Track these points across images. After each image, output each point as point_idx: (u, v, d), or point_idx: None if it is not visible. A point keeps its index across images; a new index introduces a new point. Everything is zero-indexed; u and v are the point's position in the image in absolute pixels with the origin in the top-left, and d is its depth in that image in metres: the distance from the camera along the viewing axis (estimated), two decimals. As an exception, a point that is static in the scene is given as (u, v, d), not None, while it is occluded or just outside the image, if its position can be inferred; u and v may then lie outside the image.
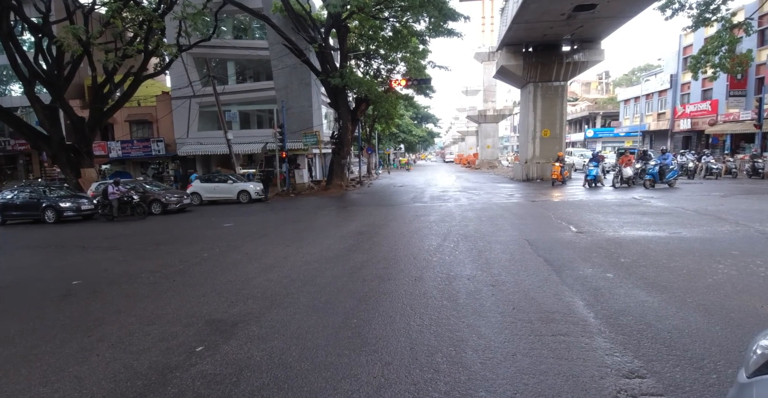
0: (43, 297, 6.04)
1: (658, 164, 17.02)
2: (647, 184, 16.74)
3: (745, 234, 7.89)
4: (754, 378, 1.84)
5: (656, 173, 16.74)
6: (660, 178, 16.71)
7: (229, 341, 4.13)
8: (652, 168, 16.99)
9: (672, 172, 16.94)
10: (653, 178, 16.70)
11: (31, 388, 3.44)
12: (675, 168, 17.49)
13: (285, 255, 7.83)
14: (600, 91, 65.80)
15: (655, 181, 16.70)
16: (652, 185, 16.68)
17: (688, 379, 3.11)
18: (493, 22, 46.05)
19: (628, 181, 17.51)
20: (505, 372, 3.33)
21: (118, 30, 16.43)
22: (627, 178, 17.49)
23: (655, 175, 16.72)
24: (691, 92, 32.39)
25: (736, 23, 15.78)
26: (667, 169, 16.91)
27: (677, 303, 4.58)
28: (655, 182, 16.70)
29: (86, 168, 19.61)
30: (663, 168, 16.84)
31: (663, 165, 16.94)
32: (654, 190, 16.18)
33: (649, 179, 16.76)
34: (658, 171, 16.74)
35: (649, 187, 16.65)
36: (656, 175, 16.72)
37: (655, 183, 16.69)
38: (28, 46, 23.63)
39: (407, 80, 23.03)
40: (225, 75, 27.62)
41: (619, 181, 17.59)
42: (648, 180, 16.79)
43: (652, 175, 16.76)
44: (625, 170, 17.56)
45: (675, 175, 17.08)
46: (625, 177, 17.48)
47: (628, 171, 17.54)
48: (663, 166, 16.89)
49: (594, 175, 18.36)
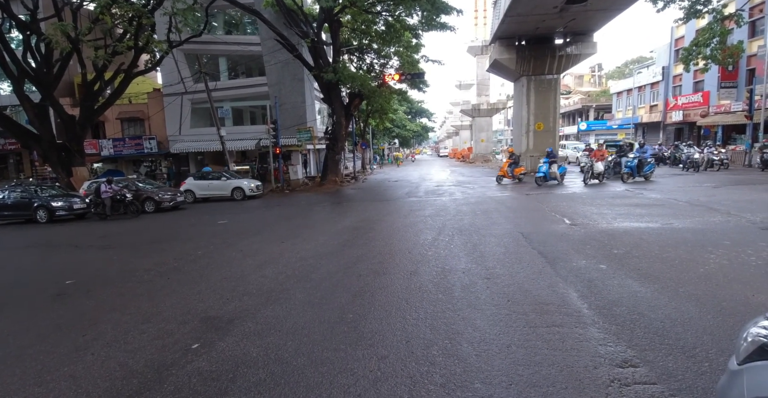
0: (36, 297, 6.00)
1: (636, 157, 16.62)
2: (625, 177, 16.40)
3: (736, 224, 7.96)
4: (744, 365, 1.87)
5: (634, 166, 16.35)
6: (638, 171, 16.38)
7: (225, 338, 4.13)
8: (630, 161, 16.51)
9: (649, 165, 16.70)
10: (631, 171, 16.35)
11: (25, 388, 3.43)
12: (652, 161, 17.21)
13: (280, 252, 7.82)
14: (593, 83, 65.96)
15: (633, 175, 16.38)
16: (630, 178, 16.37)
17: (680, 368, 3.15)
18: (486, 15, 45.96)
19: (599, 176, 16.76)
20: (500, 363, 3.36)
21: (108, 26, 16.16)
22: (598, 173, 16.67)
23: (633, 169, 16.35)
24: (683, 84, 32.51)
25: (727, 15, 15.81)
26: (645, 162, 16.63)
27: (670, 293, 4.63)
28: (633, 176, 16.38)
29: (78, 167, 19.43)
30: (641, 161, 16.52)
31: (641, 158, 16.61)
32: (632, 183, 15.86)
33: (627, 172, 16.40)
34: (636, 164, 16.35)
35: (627, 180, 16.33)
36: (634, 169, 16.36)
37: (633, 176, 16.38)
38: (16, 44, 23.29)
39: (401, 74, 22.95)
40: (217, 71, 27.37)
41: (590, 177, 16.62)
42: (626, 173, 16.42)
43: (630, 168, 16.36)
44: (597, 165, 16.67)
45: (652, 168, 16.86)
46: (596, 172, 16.60)
47: (599, 166, 16.68)
48: (641, 160, 16.57)
49: (544, 172, 17.35)
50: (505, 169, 19.42)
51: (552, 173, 17.51)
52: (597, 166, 16.59)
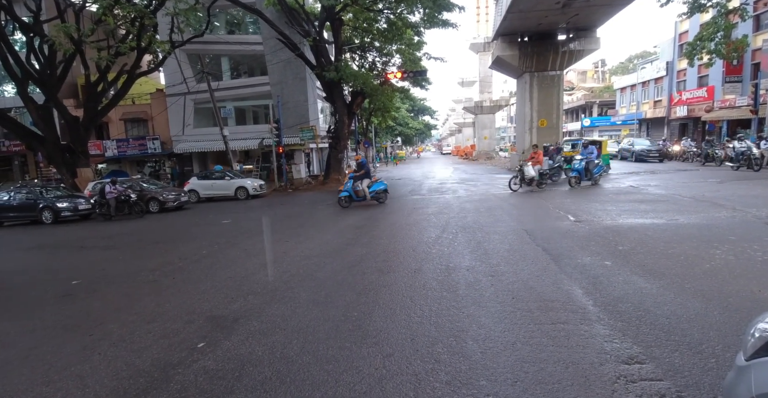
0: (42, 298, 6.04)
1: (584, 159, 15.05)
2: (572, 181, 14.78)
3: (742, 220, 7.92)
4: (752, 360, 1.86)
5: (582, 169, 14.77)
6: (585, 174, 14.81)
7: (231, 336, 4.14)
8: (578, 163, 15.00)
9: (598, 168, 15.26)
10: (579, 174, 14.77)
11: (33, 388, 3.45)
12: (600, 163, 15.78)
13: (284, 251, 7.84)
14: (596, 79, 65.67)
15: (581, 179, 14.81)
16: (578, 183, 14.76)
17: (686, 364, 3.14)
18: (488, 11, 45.77)
19: (531, 181, 14.72)
20: (505, 360, 3.36)
21: (110, 27, 16.22)
22: (530, 178, 14.63)
23: (581, 172, 14.77)
24: (687, 79, 32.32)
25: (731, 9, 15.66)
26: (593, 164, 15.05)
27: (675, 290, 4.61)
28: (582, 179, 14.81)
29: (82, 167, 19.51)
30: (589, 163, 14.89)
31: (588, 160, 15.01)
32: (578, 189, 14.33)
33: (574, 176, 14.80)
34: (583, 168, 14.78)
35: (574, 185, 14.69)
36: (582, 172, 14.77)
37: (581, 180, 14.83)
38: (20, 46, 23.39)
39: (403, 72, 22.89)
40: (219, 71, 27.42)
41: (519, 182, 14.78)
42: (573, 177, 14.82)
43: (577, 171, 14.83)
44: (527, 169, 14.66)
45: (600, 171, 15.56)
46: (527, 177, 14.61)
47: (530, 170, 14.62)
48: (588, 161, 14.94)
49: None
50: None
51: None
52: (528, 170, 14.63)
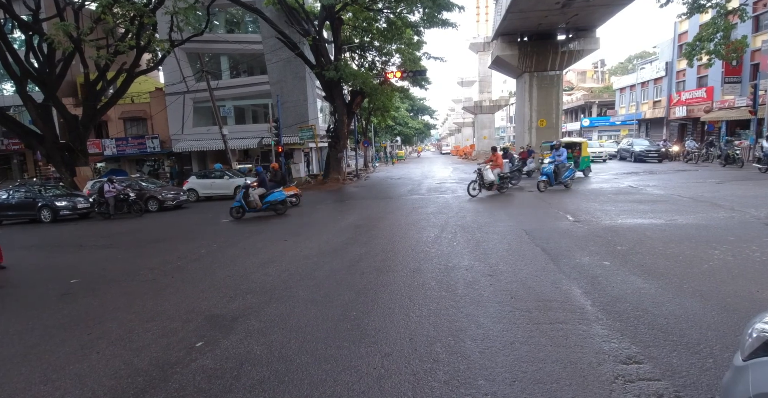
0: (41, 297, 6.04)
1: (553, 162, 14.43)
2: (541, 185, 14.03)
3: (740, 220, 7.93)
4: (749, 360, 1.87)
5: (551, 173, 14.08)
6: (555, 178, 14.14)
7: (229, 336, 4.14)
8: (546, 167, 14.33)
9: (568, 171, 14.45)
10: (548, 178, 14.07)
11: (31, 387, 3.45)
12: (571, 166, 14.94)
13: (283, 250, 7.84)
14: (596, 79, 65.73)
15: (551, 182, 14.11)
16: (546, 187, 14.07)
17: (684, 364, 3.14)
18: (488, 11, 45.78)
19: (491, 186, 13.96)
20: (503, 360, 3.36)
21: (109, 26, 16.19)
22: (489, 182, 13.84)
23: (550, 175, 14.08)
24: (687, 79, 32.35)
25: (730, 9, 15.68)
26: (563, 167, 14.32)
27: (674, 290, 4.62)
28: (551, 183, 14.12)
29: (81, 166, 19.50)
30: (558, 166, 14.24)
31: (558, 163, 14.34)
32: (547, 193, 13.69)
33: (543, 180, 14.08)
34: (553, 170, 14.11)
35: (543, 189, 13.96)
36: (551, 176, 14.07)
37: (551, 184, 14.15)
38: (19, 44, 23.37)
39: (402, 72, 22.88)
40: (219, 70, 27.39)
41: (478, 187, 13.91)
42: (541, 181, 14.09)
43: (546, 175, 14.11)
44: (486, 173, 13.80)
45: (571, 174, 14.65)
46: (486, 181, 13.81)
47: (489, 174, 13.77)
48: (558, 165, 14.28)
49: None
50: None
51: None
52: (487, 174, 13.81)
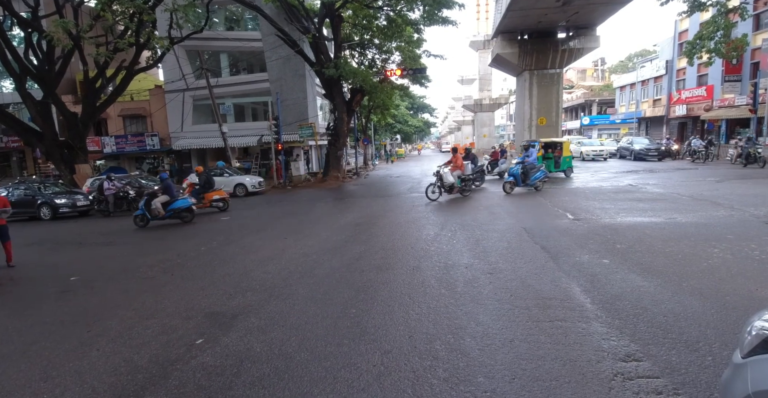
0: (40, 294, 6.04)
1: (520, 163, 13.84)
2: (507, 187, 13.51)
3: (740, 219, 7.94)
4: (748, 358, 1.87)
5: (518, 174, 13.46)
6: (523, 180, 13.54)
7: (229, 333, 4.15)
8: (514, 168, 13.77)
9: (539, 173, 13.72)
10: (515, 179, 13.48)
11: (31, 384, 3.45)
12: (542, 167, 14.25)
13: (283, 248, 7.84)
14: (596, 78, 65.66)
15: (517, 184, 13.52)
16: (512, 189, 13.51)
17: (683, 362, 3.15)
18: (488, 9, 45.73)
19: (451, 188, 13.19)
20: (503, 357, 3.37)
21: (109, 23, 16.18)
22: (449, 185, 13.05)
23: (516, 177, 13.45)
24: (687, 78, 32.31)
25: (731, 8, 15.65)
26: (533, 169, 13.75)
27: (673, 288, 4.62)
28: (517, 184, 13.53)
29: (81, 164, 19.48)
30: (527, 168, 13.66)
31: (527, 164, 13.78)
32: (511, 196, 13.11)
33: (509, 182, 13.55)
34: (520, 172, 13.49)
35: (509, 191, 13.44)
36: (518, 177, 13.45)
37: (517, 185, 13.56)
38: (18, 42, 23.29)
39: (402, 70, 22.86)
40: (218, 67, 27.35)
41: (437, 189, 13.03)
42: (508, 182, 13.59)
43: (513, 176, 13.52)
44: (446, 175, 13.00)
45: (542, 176, 13.81)
46: (446, 184, 13.01)
47: (448, 176, 12.98)
48: (527, 166, 13.71)
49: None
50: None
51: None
52: (446, 176, 13.00)
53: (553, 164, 18.02)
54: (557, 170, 18.10)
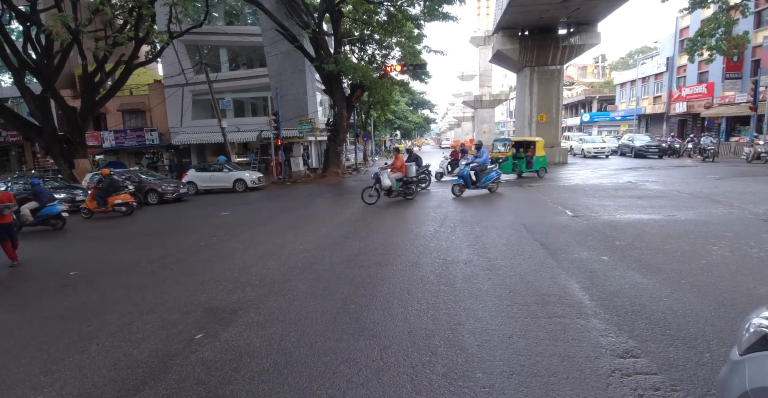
0: (40, 289, 6.05)
1: (469, 164, 12.93)
2: (456, 189, 12.76)
3: (739, 216, 7.95)
4: (746, 355, 1.88)
5: (467, 176, 12.65)
6: (475, 181, 12.76)
7: (229, 328, 4.16)
8: (463, 169, 12.89)
9: (490, 174, 12.94)
10: (464, 181, 12.68)
11: (31, 378, 3.47)
12: (495, 168, 13.37)
13: (282, 243, 7.84)
14: (596, 74, 65.46)
15: (467, 186, 12.72)
16: (461, 191, 12.77)
17: (681, 358, 3.16)
18: (488, 5, 45.52)
19: (389, 192, 12.47)
20: (501, 353, 3.38)
21: (108, 17, 16.07)
22: (387, 188, 12.29)
23: (465, 178, 12.64)
24: (687, 75, 32.24)
25: (732, 5, 15.59)
26: (484, 170, 12.93)
27: (671, 285, 4.64)
28: (467, 187, 12.74)
29: (80, 158, 19.42)
30: (477, 169, 12.85)
31: (477, 165, 12.92)
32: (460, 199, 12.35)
33: (458, 184, 12.77)
34: (468, 173, 12.68)
35: (458, 193, 12.71)
36: (467, 179, 12.63)
37: (467, 187, 12.77)
38: (17, 35, 23.17)
39: (402, 66, 22.74)
40: (218, 62, 27.22)
41: (375, 193, 12.21)
42: (457, 185, 12.79)
43: (462, 178, 12.73)
44: (383, 178, 12.26)
45: (494, 177, 13.03)
46: (384, 187, 12.25)
47: (385, 179, 12.24)
48: (477, 167, 12.88)
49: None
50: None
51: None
52: (383, 179, 12.26)
53: (524, 164, 17.24)
54: (529, 170, 17.28)
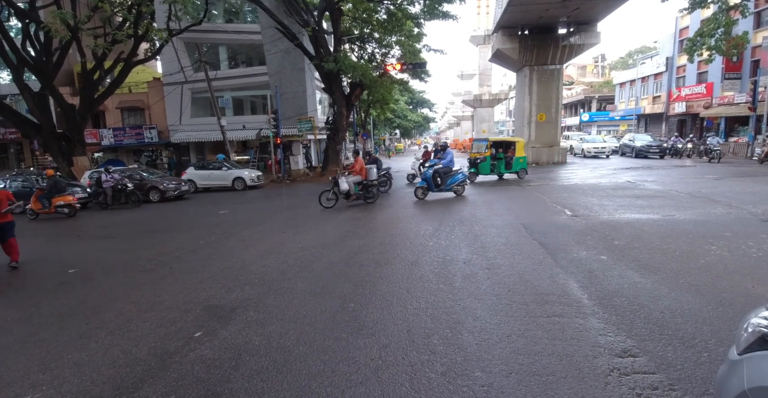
0: (39, 286, 6.04)
1: (432, 166, 12.63)
2: (419, 192, 12.48)
3: (737, 216, 7.96)
4: (744, 355, 1.88)
5: (430, 178, 12.30)
6: (438, 184, 12.36)
7: (228, 326, 4.16)
8: (426, 171, 12.54)
9: (455, 177, 12.54)
10: (427, 184, 12.34)
11: (30, 375, 3.46)
12: (461, 170, 12.97)
13: (281, 242, 7.84)
14: (596, 74, 65.50)
15: (430, 189, 12.36)
16: (424, 194, 12.45)
17: (679, 358, 3.17)
18: (488, 4, 45.50)
19: (348, 196, 12.20)
20: (500, 352, 3.39)
21: (107, 14, 16.07)
22: (345, 192, 12.04)
23: (428, 181, 12.29)
24: (687, 75, 32.27)
25: (732, 5, 15.60)
26: (448, 173, 12.52)
27: (670, 284, 4.65)
28: (431, 189, 12.36)
29: (78, 156, 19.39)
30: (440, 171, 12.47)
31: (440, 168, 12.56)
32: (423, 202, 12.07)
33: (421, 187, 12.48)
34: (430, 176, 12.33)
35: (421, 196, 12.43)
36: (430, 181, 12.28)
37: (431, 190, 12.39)
38: (15, 32, 23.11)
39: (402, 64, 22.70)
40: (217, 60, 27.18)
41: (333, 196, 11.91)
42: (420, 188, 12.50)
43: (425, 180, 12.39)
44: (341, 181, 11.93)
45: (459, 180, 12.61)
46: (342, 191, 11.97)
47: (343, 183, 11.92)
48: (440, 170, 12.50)
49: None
50: None
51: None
52: (341, 183, 11.94)
53: (503, 165, 16.94)
54: (509, 171, 17.00)
